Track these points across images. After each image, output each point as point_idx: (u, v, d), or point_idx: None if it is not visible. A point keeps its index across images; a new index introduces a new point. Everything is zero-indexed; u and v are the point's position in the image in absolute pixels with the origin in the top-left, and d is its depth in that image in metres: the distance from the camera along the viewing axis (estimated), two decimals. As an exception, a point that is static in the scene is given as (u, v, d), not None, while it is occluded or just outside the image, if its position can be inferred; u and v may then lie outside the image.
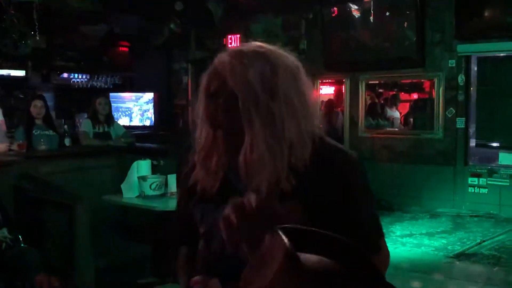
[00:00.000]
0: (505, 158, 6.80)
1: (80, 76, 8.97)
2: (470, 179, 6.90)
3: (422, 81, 7.86)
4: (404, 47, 7.06)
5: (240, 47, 1.24)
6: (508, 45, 6.48)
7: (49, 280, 2.71)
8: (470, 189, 6.90)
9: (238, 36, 8.43)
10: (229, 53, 1.22)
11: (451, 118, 7.04)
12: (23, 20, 6.82)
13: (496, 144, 7.09)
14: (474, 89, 7.09)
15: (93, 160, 4.70)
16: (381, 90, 8.55)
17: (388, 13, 7.18)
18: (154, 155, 4.40)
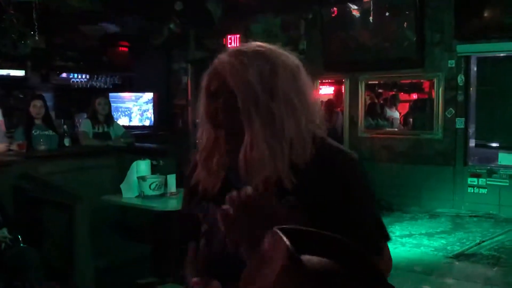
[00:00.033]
0: (505, 158, 6.79)
1: (79, 76, 8.97)
2: (469, 179, 6.90)
3: (422, 81, 7.87)
4: (404, 47, 7.06)
5: (240, 47, 1.23)
6: (508, 45, 6.48)
7: None
8: (470, 189, 6.89)
9: (238, 36, 8.42)
10: (229, 53, 1.21)
11: (451, 118, 7.03)
12: (22, 20, 6.81)
13: (495, 144, 7.09)
14: (473, 90, 7.08)
15: (93, 160, 4.70)
16: (380, 90, 8.56)
17: (387, 13, 7.18)
18: (153, 155, 4.40)
